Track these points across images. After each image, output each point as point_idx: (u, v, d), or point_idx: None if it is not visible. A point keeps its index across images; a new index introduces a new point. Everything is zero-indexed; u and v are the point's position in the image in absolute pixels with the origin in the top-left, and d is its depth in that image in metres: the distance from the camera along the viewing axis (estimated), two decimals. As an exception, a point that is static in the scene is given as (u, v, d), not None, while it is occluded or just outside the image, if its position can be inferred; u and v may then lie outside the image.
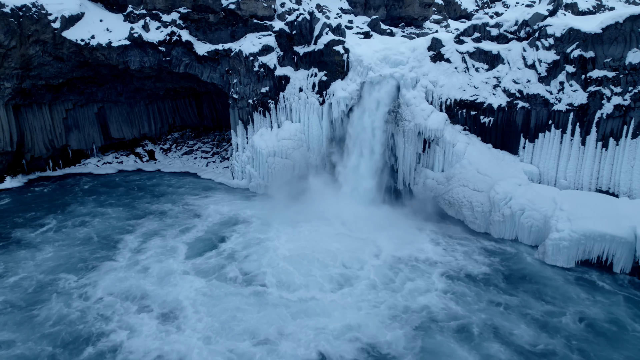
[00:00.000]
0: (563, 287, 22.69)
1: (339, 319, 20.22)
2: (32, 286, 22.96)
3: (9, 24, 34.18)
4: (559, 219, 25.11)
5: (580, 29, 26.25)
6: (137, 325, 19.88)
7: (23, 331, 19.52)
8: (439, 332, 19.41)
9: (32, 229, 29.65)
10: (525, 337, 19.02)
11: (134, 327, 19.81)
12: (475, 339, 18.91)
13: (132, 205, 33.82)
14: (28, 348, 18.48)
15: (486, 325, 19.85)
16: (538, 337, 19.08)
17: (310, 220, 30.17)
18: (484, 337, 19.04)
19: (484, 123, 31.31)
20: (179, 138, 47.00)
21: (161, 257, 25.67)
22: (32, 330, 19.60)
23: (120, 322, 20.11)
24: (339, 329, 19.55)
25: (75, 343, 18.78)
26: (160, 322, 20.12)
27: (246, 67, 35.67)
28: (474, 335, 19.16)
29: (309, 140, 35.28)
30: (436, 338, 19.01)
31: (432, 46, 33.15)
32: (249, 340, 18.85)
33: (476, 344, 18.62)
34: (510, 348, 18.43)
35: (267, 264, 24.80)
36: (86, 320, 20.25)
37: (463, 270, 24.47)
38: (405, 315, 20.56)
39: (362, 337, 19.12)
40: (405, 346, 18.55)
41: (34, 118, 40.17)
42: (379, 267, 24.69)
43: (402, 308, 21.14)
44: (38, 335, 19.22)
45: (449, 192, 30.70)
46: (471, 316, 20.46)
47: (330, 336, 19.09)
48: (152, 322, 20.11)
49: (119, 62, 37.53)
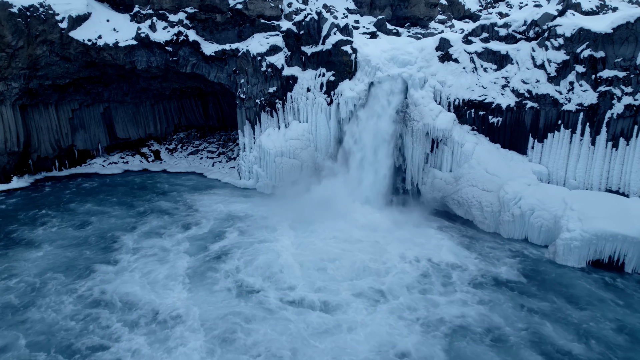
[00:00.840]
0: (595, 292, 21.90)
1: (363, 334, 18.52)
2: (22, 289, 22.01)
3: (16, 24, 34.17)
4: (570, 218, 25.11)
5: (590, 29, 26.25)
6: (130, 337, 18.41)
7: (8, 338, 18.48)
8: (475, 342, 18.22)
9: (36, 228, 29.48)
10: (568, 346, 18.06)
11: (124, 338, 18.37)
12: (514, 349, 17.89)
13: (140, 205, 33.77)
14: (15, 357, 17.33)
15: (524, 333, 18.81)
16: (580, 345, 18.18)
17: (318, 221, 29.97)
18: (521, 346, 17.93)
19: (492, 123, 31.31)
20: (184, 138, 46.99)
21: (163, 260, 25.01)
22: (18, 336, 18.50)
23: (109, 333, 18.68)
24: (365, 345, 17.95)
25: (64, 354, 17.67)
26: (155, 331, 18.79)
27: (254, 67, 35.66)
28: (512, 345, 18.13)
29: (316, 140, 35.28)
30: (474, 349, 17.82)
31: (440, 46, 33.15)
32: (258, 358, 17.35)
33: (516, 355, 17.62)
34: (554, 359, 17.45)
35: (277, 268, 23.80)
36: (73, 329, 19.02)
37: (487, 274, 23.61)
38: (438, 326, 19.11)
39: (393, 354, 17.71)
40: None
41: (41, 118, 40.16)
42: (397, 272, 23.54)
43: (433, 318, 19.66)
44: (24, 343, 18.10)
45: (458, 192, 30.71)
46: (507, 324, 19.40)
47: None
48: (145, 332, 18.72)
49: (125, 62, 37.52)
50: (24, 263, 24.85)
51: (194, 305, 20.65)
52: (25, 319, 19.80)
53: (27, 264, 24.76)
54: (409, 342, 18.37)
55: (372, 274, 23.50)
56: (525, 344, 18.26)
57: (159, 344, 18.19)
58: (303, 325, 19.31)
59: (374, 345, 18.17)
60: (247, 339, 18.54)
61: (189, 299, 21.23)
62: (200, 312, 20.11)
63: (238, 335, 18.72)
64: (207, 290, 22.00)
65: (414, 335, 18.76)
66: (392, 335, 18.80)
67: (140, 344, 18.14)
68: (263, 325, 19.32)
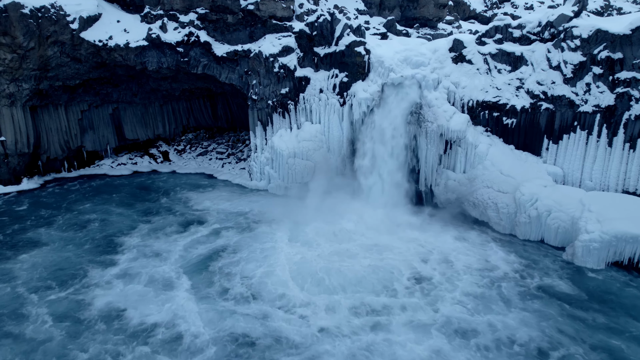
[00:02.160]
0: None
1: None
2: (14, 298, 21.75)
3: (28, 25, 33.97)
4: (588, 220, 25.10)
5: (608, 30, 26.25)
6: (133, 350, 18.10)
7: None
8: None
9: (49, 231, 29.44)
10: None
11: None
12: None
13: (153, 208, 33.66)
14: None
15: (594, 352, 17.96)
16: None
17: (333, 223, 29.87)
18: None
19: (506, 124, 31.30)
20: (193, 139, 46.84)
21: (167, 266, 24.80)
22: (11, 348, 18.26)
23: (110, 346, 18.36)
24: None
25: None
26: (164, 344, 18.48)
27: (266, 68, 35.56)
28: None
29: (329, 141, 35.20)
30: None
31: (454, 47, 33.12)
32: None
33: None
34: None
35: (289, 274, 23.48)
36: (67, 342, 18.72)
37: (527, 283, 22.79)
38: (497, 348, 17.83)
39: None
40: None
41: (50, 119, 39.97)
42: (428, 281, 22.90)
43: (487, 336, 18.57)
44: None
45: (473, 193, 30.69)
46: (575, 343, 18.43)
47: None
48: (152, 343, 18.44)
49: (136, 63, 37.36)
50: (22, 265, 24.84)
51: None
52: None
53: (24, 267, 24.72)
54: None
55: (395, 281, 23.43)
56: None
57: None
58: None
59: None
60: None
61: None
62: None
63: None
64: (211, 298, 21.91)
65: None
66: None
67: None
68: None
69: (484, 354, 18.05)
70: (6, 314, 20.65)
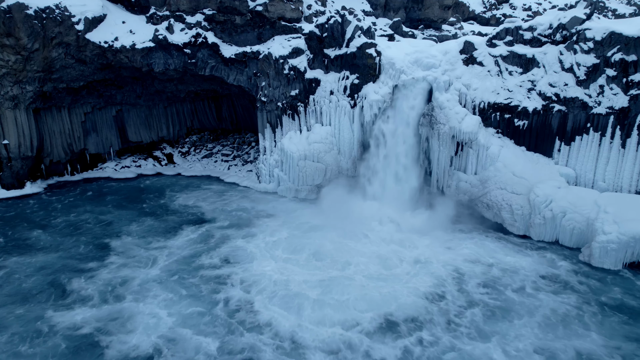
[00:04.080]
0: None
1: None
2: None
3: (32, 26, 33.26)
4: (605, 221, 25.33)
5: (622, 32, 26.52)
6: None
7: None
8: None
9: (64, 241, 28.91)
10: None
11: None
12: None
13: (162, 212, 33.25)
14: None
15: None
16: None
17: (347, 226, 29.75)
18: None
19: (517, 126, 31.45)
20: (197, 141, 46.36)
21: (177, 274, 24.51)
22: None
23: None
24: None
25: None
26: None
27: (276, 69, 35.30)
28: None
29: (339, 143, 35.08)
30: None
31: (465, 49, 33.20)
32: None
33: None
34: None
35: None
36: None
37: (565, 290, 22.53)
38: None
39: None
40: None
41: (53, 122, 39.24)
42: (464, 287, 22.88)
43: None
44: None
45: (487, 194, 30.79)
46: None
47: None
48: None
49: (142, 65, 36.84)
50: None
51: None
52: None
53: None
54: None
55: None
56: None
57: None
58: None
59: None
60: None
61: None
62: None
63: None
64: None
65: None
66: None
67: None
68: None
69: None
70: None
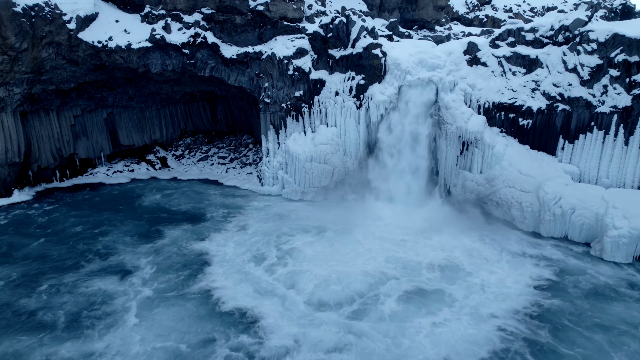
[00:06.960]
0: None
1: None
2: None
3: (20, 25, 31.39)
4: (615, 216, 26.19)
5: (625, 34, 27.48)
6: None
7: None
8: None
9: (56, 246, 27.42)
10: None
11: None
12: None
13: (164, 220, 32.08)
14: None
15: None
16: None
17: (359, 227, 29.60)
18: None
19: (522, 125, 32.14)
20: (191, 144, 45.10)
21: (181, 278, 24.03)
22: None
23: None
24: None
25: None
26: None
27: (279, 70, 34.71)
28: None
29: (345, 144, 34.87)
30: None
31: (468, 50, 33.68)
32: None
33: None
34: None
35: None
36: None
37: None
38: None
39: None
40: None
41: (41, 126, 37.21)
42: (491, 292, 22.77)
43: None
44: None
45: (495, 193, 31.30)
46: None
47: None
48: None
49: (139, 65, 35.43)
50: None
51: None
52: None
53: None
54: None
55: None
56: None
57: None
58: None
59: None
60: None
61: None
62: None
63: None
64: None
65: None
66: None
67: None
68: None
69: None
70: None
